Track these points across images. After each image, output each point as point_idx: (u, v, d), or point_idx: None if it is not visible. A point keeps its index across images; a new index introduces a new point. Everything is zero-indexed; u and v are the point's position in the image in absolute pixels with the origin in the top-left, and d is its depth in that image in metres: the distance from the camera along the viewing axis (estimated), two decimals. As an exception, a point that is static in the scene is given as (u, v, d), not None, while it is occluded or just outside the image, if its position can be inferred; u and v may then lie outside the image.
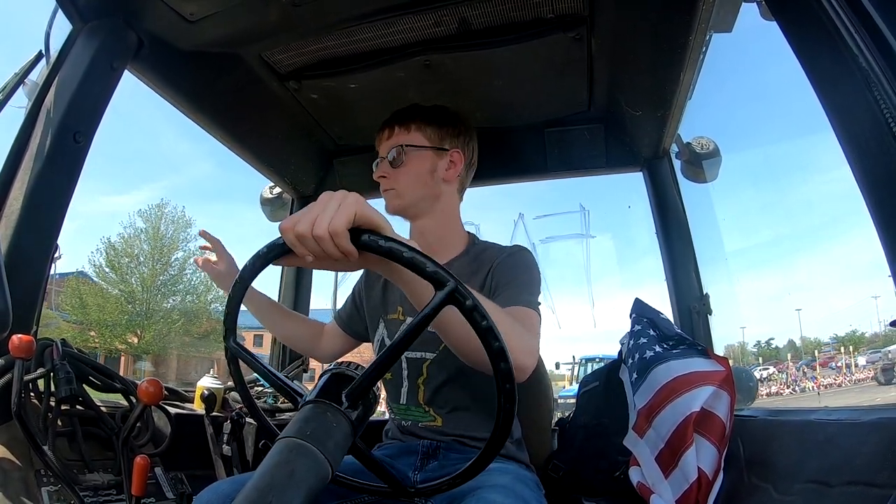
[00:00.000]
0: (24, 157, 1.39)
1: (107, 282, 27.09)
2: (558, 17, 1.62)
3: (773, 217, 70.19)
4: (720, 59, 1.67)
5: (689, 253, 2.08)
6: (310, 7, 1.52)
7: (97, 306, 26.13)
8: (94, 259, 26.92)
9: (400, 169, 1.49)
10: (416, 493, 0.94)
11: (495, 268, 1.43)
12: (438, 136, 1.53)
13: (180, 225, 27.96)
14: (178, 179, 60.00)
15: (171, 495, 1.52)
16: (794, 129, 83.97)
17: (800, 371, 25.57)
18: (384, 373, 0.77)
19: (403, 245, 0.74)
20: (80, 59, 1.45)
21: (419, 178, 1.49)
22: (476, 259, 1.50)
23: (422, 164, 1.50)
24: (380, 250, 0.75)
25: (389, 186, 1.50)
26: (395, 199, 1.50)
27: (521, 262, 1.45)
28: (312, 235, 0.77)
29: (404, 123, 1.52)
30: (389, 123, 1.54)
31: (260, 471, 0.65)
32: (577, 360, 18.91)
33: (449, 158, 1.54)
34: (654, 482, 1.41)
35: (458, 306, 0.72)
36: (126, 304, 26.76)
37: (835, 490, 0.97)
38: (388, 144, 1.51)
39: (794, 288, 58.34)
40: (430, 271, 0.72)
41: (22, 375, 1.25)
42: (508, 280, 1.38)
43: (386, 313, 1.56)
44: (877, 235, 0.84)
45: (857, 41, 0.81)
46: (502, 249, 1.50)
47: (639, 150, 2.15)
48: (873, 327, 29.56)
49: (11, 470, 1.21)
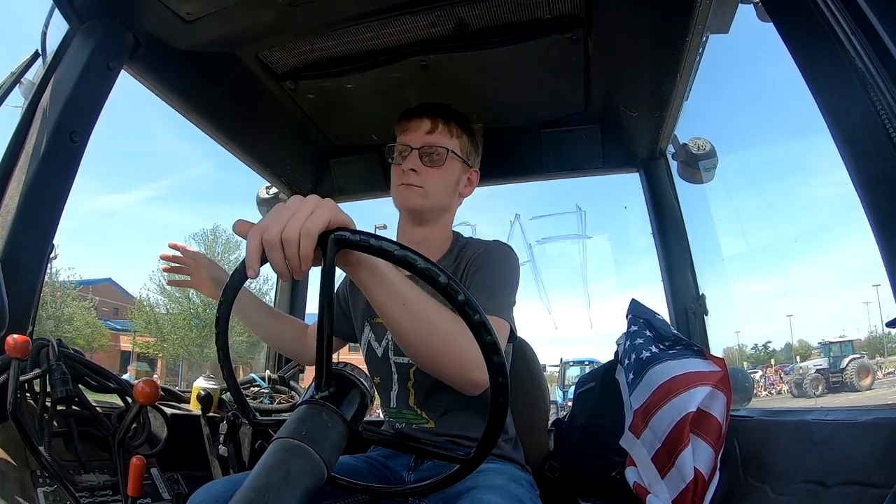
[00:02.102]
0: (21, 156, 1.38)
1: (171, 299, 29.44)
2: (555, 18, 1.62)
3: (774, 218, 70.25)
4: (717, 60, 1.67)
5: (686, 254, 2.08)
6: (307, 7, 1.52)
7: (169, 321, 29.13)
8: (155, 277, 29.04)
9: (434, 169, 1.44)
10: (410, 492, 0.94)
11: (471, 264, 1.41)
12: (469, 149, 1.52)
13: (230, 247, 29.65)
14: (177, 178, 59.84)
15: (168, 496, 1.51)
16: (791, 131, 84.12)
17: (777, 375, 26.10)
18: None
19: (394, 243, 0.74)
20: (76, 59, 1.45)
21: (447, 185, 1.48)
22: (458, 256, 1.48)
23: (453, 173, 1.48)
24: (370, 249, 0.75)
25: (419, 183, 1.43)
26: (420, 199, 1.44)
27: (495, 259, 1.42)
28: (281, 238, 0.76)
29: (448, 123, 1.47)
30: (432, 115, 1.47)
31: (256, 471, 0.65)
32: (564, 362, 18.90)
33: (469, 176, 1.54)
34: (650, 482, 1.42)
35: (450, 301, 0.72)
36: (192, 318, 28.84)
37: (831, 490, 0.97)
38: (428, 139, 1.45)
39: (792, 291, 58.20)
40: (421, 268, 0.72)
41: (18, 375, 1.24)
42: (478, 282, 1.35)
43: (371, 316, 1.53)
44: (873, 237, 0.85)
45: (854, 43, 0.82)
46: (480, 244, 1.48)
47: (635, 150, 2.16)
48: (861, 332, 29.88)
49: (7, 470, 1.21)
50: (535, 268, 3.48)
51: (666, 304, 2.08)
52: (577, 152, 2.20)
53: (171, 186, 56.74)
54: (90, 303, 29.00)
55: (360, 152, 2.36)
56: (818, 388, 19.74)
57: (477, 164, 1.57)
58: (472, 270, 1.40)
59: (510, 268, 1.41)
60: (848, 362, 19.96)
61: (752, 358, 32.47)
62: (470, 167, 1.54)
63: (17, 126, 1.40)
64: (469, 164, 1.53)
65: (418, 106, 1.51)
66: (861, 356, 20.98)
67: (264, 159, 2.29)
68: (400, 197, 1.47)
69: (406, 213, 1.52)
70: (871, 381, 19.62)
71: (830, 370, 20.15)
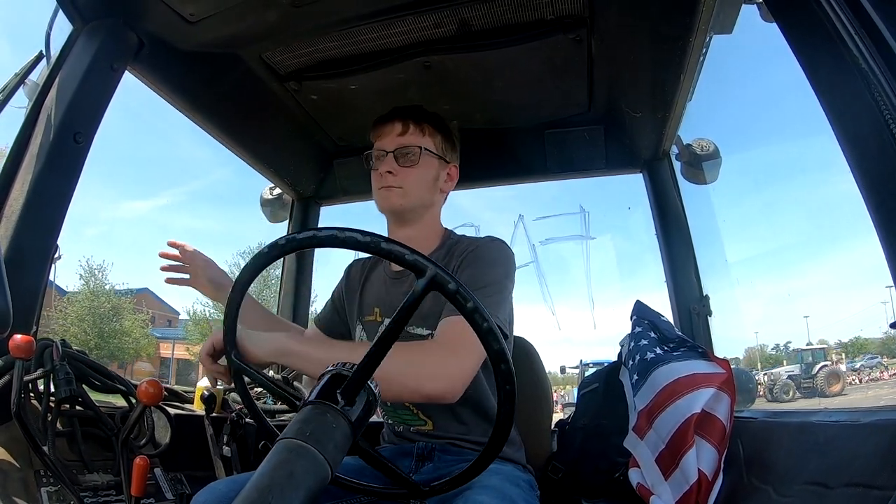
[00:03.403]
0: (25, 157, 1.39)
1: (218, 309, 30.52)
2: (558, 19, 1.62)
3: (786, 218, 70.05)
4: (720, 60, 1.67)
5: (689, 254, 2.08)
6: (310, 8, 1.52)
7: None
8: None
9: (411, 169, 1.45)
10: (419, 492, 0.94)
11: (462, 261, 1.40)
12: (444, 146, 1.52)
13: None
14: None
15: (171, 496, 1.52)
16: (794, 130, 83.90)
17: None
18: (375, 367, 0.77)
19: (381, 237, 0.73)
20: (80, 60, 1.45)
21: (425, 182, 1.48)
22: (448, 252, 1.47)
23: (430, 170, 1.49)
24: (358, 246, 0.75)
25: (397, 184, 1.44)
26: (401, 198, 1.45)
27: (486, 256, 1.40)
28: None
29: (419, 124, 1.48)
30: (403, 118, 1.48)
31: (259, 472, 0.65)
32: (584, 364, 18.88)
33: (447, 171, 1.54)
34: (653, 483, 1.41)
35: (441, 290, 0.72)
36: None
37: (834, 491, 0.97)
38: (400, 141, 1.47)
39: (804, 292, 57.97)
40: (409, 260, 0.72)
41: (22, 376, 1.25)
42: (468, 279, 1.32)
43: (363, 315, 1.55)
44: (877, 236, 0.84)
45: (858, 43, 0.81)
46: (472, 241, 1.47)
47: (639, 151, 2.16)
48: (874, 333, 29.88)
49: (11, 470, 1.21)
50: (539, 269, 3.48)
51: (670, 304, 2.08)
52: (580, 153, 2.20)
53: (190, 193, 56.86)
54: (146, 315, 29.79)
55: (363, 153, 2.36)
56: (789, 393, 20.14)
57: (455, 160, 1.57)
58: (462, 267, 1.39)
59: (503, 264, 1.39)
60: (819, 369, 20.46)
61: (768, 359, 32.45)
62: (448, 163, 1.54)
63: (22, 127, 1.41)
64: (447, 160, 1.53)
65: (390, 111, 1.52)
66: (831, 363, 21.72)
67: (268, 160, 2.29)
68: (381, 200, 1.48)
69: (390, 216, 1.52)
70: (841, 387, 20.10)
71: (802, 376, 20.64)
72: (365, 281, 1.59)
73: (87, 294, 26.76)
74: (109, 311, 27.08)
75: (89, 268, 27.43)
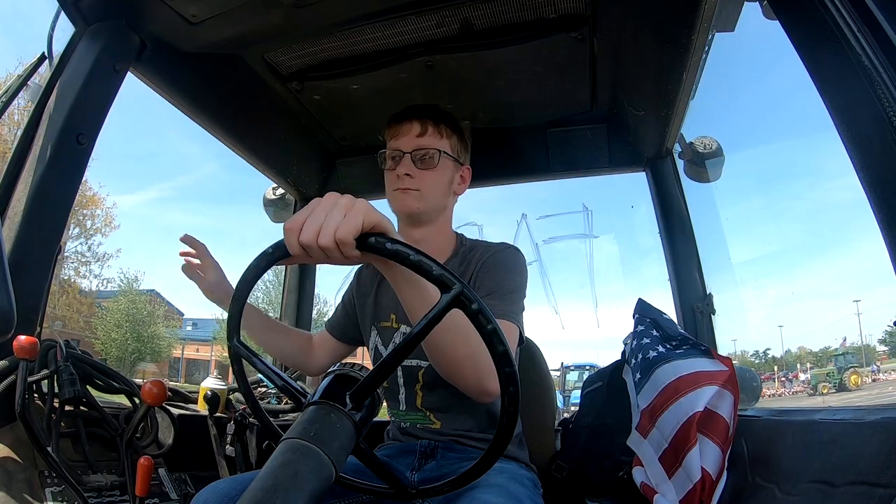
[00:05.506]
0: (28, 158, 1.39)
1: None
2: (560, 18, 1.62)
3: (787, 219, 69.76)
4: (723, 58, 1.66)
5: (693, 253, 2.07)
6: (312, 8, 1.53)
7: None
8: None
9: (429, 171, 1.43)
10: (418, 493, 0.94)
11: (480, 268, 1.41)
12: (459, 148, 1.52)
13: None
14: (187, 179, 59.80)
15: (175, 496, 1.52)
16: (797, 128, 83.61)
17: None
18: (387, 375, 0.77)
19: (409, 248, 0.74)
20: (82, 61, 1.45)
21: (443, 185, 1.47)
22: (464, 260, 1.48)
23: (447, 173, 1.48)
24: (385, 253, 0.75)
25: (414, 186, 1.42)
26: (418, 202, 1.43)
27: (505, 263, 1.41)
28: (318, 245, 0.77)
29: (438, 125, 1.46)
30: (421, 118, 1.46)
31: (264, 471, 0.65)
32: (565, 366, 18.75)
33: (461, 174, 1.54)
34: (657, 482, 1.41)
35: (463, 309, 0.72)
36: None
37: (839, 490, 0.96)
38: (419, 142, 1.44)
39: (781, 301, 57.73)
40: (436, 274, 0.72)
41: (26, 376, 1.25)
42: (490, 287, 1.34)
43: (378, 320, 1.53)
44: (880, 234, 0.84)
45: (860, 40, 0.81)
46: (488, 248, 1.47)
47: (642, 149, 2.15)
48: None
49: (15, 470, 1.22)
50: (542, 268, 3.47)
51: (673, 303, 2.07)
52: (583, 152, 2.20)
53: (179, 188, 56.71)
54: (177, 322, 32.35)
55: (366, 153, 2.36)
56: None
57: (468, 161, 1.57)
58: (481, 274, 1.39)
59: (520, 271, 1.41)
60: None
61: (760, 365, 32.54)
62: (462, 165, 1.54)
63: (25, 128, 1.41)
64: (461, 162, 1.53)
65: (405, 109, 1.49)
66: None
67: (270, 160, 2.29)
68: (397, 202, 1.46)
69: (403, 217, 1.50)
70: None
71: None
72: (379, 285, 1.56)
73: (125, 301, 27.77)
74: (146, 317, 28.38)
75: (126, 279, 28.65)
